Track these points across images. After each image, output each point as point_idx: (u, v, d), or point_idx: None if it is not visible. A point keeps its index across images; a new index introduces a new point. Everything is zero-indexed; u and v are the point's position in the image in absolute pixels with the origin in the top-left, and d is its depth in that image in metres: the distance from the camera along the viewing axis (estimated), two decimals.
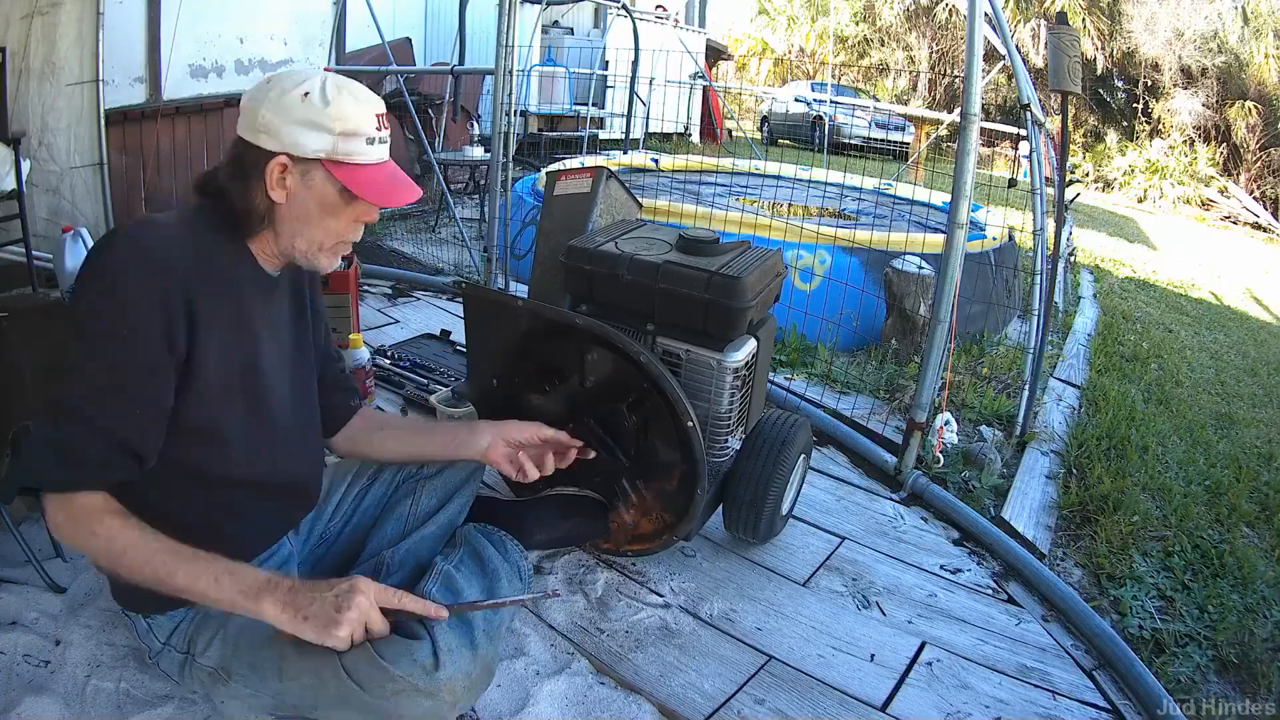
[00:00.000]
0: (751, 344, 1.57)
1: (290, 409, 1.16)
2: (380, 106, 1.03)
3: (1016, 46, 3.13)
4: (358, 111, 0.99)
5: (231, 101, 4.22)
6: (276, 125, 0.96)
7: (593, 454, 1.38)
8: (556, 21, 9.06)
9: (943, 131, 7.77)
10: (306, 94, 0.96)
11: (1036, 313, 2.68)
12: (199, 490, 1.05)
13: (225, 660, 1.05)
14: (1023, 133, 2.75)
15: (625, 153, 6.11)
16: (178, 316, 0.93)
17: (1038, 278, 2.69)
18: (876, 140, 10.98)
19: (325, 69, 1.00)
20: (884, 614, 1.65)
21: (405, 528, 1.27)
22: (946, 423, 2.30)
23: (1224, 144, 13.84)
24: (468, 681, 1.00)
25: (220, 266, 1.01)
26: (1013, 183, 3.33)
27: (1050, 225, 2.62)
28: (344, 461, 1.38)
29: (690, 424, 1.38)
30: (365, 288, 3.41)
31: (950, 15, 15.82)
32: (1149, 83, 14.66)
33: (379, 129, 1.02)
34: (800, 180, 4.46)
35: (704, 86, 10.38)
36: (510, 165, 3.24)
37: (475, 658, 1.01)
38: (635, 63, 7.08)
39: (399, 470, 1.34)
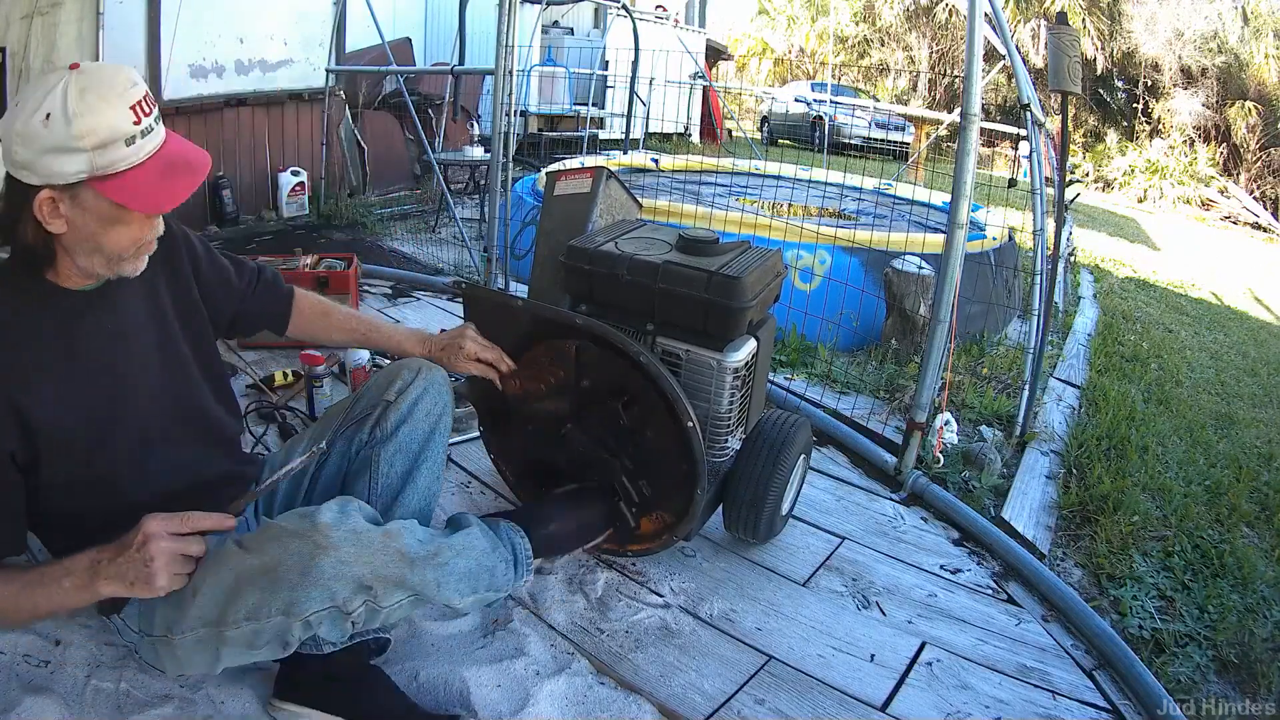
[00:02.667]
0: (751, 344, 1.57)
1: (179, 415, 1.14)
2: (137, 92, 0.93)
3: (1016, 46, 3.13)
4: (107, 116, 0.90)
5: (231, 102, 4.23)
6: (30, 159, 0.89)
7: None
8: (556, 21, 9.05)
9: (943, 131, 7.77)
10: (48, 116, 0.88)
11: (1036, 313, 2.68)
12: (109, 528, 0.98)
13: (166, 619, 1.03)
14: (1023, 133, 2.76)
15: (625, 153, 6.11)
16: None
17: (1038, 278, 2.69)
18: (876, 140, 10.98)
19: (73, 66, 0.91)
20: (884, 614, 1.65)
21: (372, 501, 1.21)
22: (946, 423, 2.30)
23: (1224, 144, 13.85)
24: (353, 535, 0.99)
25: (29, 316, 0.98)
26: (1013, 183, 3.33)
27: (1050, 225, 2.62)
28: (292, 441, 1.40)
29: (690, 424, 1.38)
30: (365, 288, 3.41)
31: (950, 15, 15.82)
32: (1149, 83, 14.66)
33: (138, 120, 0.92)
34: (800, 180, 4.46)
35: (704, 86, 10.38)
36: (510, 165, 3.24)
37: (378, 530, 1.03)
38: (635, 63, 7.08)
39: (347, 443, 1.28)
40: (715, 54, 13.09)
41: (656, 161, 5.59)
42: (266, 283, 1.37)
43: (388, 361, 2.60)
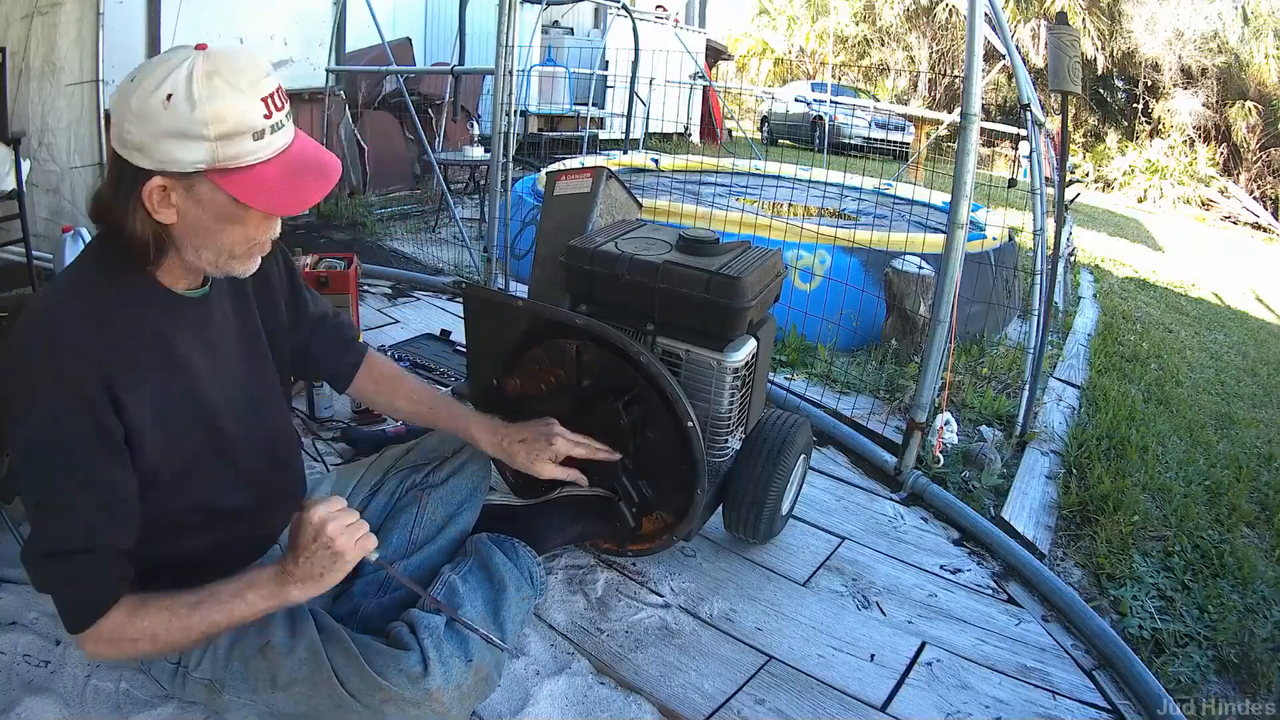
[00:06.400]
0: (751, 344, 1.56)
1: (251, 424, 1.08)
2: (270, 84, 0.85)
3: (1016, 46, 3.13)
4: (236, 105, 0.82)
5: None
6: (144, 141, 0.81)
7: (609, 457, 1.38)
8: (556, 21, 9.05)
9: (943, 131, 7.77)
10: (169, 97, 0.80)
11: (1036, 313, 2.68)
12: (174, 530, 1.00)
13: (218, 673, 1.05)
14: (1023, 133, 2.76)
15: (625, 153, 6.10)
16: (100, 403, 0.85)
17: (1038, 278, 2.69)
18: (876, 140, 10.97)
19: (199, 46, 0.84)
20: (884, 614, 1.65)
21: (411, 538, 1.26)
22: (946, 423, 2.30)
23: (1224, 144, 13.85)
24: (458, 692, 1.01)
25: (132, 315, 0.91)
26: (1013, 183, 3.33)
27: (1050, 225, 2.62)
28: (345, 470, 1.37)
29: (690, 424, 1.38)
30: (365, 288, 3.41)
31: (950, 15, 15.82)
32: (1149, 83, 14.66)
33: (270, 114, 0.84)
34: (800, 180, 4.46)
35: (704, 86, 10.37)
36: (510, 165, 3.24)
37: (469, 669, 1.03)
38: (635, 63, 7.09)
39: (400, 481, 1.33)
40: (715, 54, 13.08)
41: (656, 161, 5.59)
42: (336, 324, 1.29)
43: None
